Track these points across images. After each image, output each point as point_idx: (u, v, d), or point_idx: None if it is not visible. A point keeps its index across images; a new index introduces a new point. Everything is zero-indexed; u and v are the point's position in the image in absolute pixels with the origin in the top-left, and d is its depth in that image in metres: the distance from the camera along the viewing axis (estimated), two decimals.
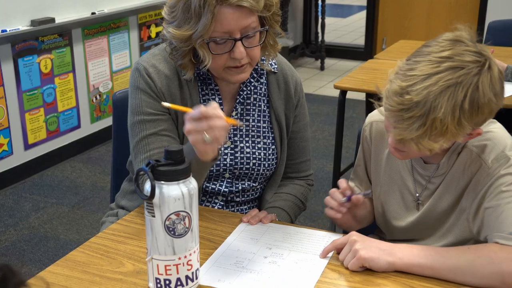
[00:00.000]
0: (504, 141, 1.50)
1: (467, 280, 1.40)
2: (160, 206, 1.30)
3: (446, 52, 1.38)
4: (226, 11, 1.59)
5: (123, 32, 4.84)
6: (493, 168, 1.47)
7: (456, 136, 1.40)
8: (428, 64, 1.37)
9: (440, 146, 1.41)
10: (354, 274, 1.46)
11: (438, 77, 1.35)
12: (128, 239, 1.62)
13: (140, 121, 1.73)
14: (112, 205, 2.03)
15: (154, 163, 1.31)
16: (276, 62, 1.85)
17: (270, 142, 1.85)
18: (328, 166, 4.09)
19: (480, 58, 1.37)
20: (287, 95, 1.86)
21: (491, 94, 1.37)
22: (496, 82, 1.39)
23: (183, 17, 1.62)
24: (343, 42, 8.15)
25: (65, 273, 1.47)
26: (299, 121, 1.90)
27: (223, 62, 1.65)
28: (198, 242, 1.39)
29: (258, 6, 1.60)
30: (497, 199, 1.45)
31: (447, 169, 1.56)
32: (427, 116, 1.35)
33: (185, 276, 1.36)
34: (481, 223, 1.50)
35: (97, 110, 4.71)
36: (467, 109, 1.35)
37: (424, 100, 1.35)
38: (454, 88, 1.34)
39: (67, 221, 3.64)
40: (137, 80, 1.75)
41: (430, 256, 1.44)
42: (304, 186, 1.96)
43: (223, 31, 1.61)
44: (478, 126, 1.44)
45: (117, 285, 1.42)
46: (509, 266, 1.37)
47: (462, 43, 1.40)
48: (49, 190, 4.04)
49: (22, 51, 4.04)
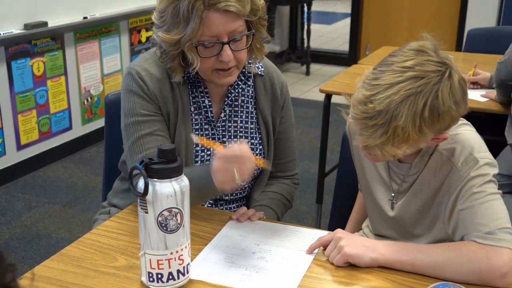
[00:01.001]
0: (471, 144, 1.51)
1: (445, 276, 1.42)
2: (153, 203, 1.32)
3: (409, 62, 1.40)
4: (213, 16, 1.60)
5: (114, 36, 4.83)
6: (463, 171, 1.49)
7: (419, 143, 1.42)
8: (391, 74, 1.39)
9: (403, 152, 1.42)
10: (339, 269, 1.47)
11: (399, 87, 1.37)
12: (121, 235, 1.62)
13: (135, 122, 1.74)
14: (104, 203, 2.04)
15: (147, 161, 1.32)
16: (263, 65, 1.86)
17: (258, 142, 1.86)
18: (314, 167, 4.10)
19: (441, 67, 1.39)
20: (273, 97, 1.87)
21: (451, 102, 1.39)
22: (457, 90, 1.40)
23: (172, 21, 1.63)
24: (328, 48, 8.16)
25: (60, 268, 1.47)
26: (285, 122, 1.91)
27: (211, 65, 1.66)
28: (189, 237, 1.40)
29: (244, 10, 1.61)
30: (470, 201, 1.47)
31: (420, 170, 1.58)
32: (389, 124, 1.37)
33: (176, 271, 1.38)
34: (456, 224, 1.52)
35: (88, 112, 4.70)
36: (428, 117, 1.37)
37: (386, 109, 1.37)
38: (414, 97, 1.36)
39: (59, 220, 3.63)
40: (130, 83, 1.75)
41: (411, 253, 1.46)
42: (290, 185, 1.98)
43: (211, 35, 1.62)
44: (441, 132, 1.45)
45: (111, 279, 1.43)
46: (486, 264, 1.40)
47: (425, 53, 1.42)
48: (41, 190, 4.02)
49: (15, 54, 4.02)
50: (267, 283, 1.43)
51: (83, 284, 1.41)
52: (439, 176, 1.55)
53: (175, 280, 1.38)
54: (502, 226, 1.43)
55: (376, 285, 1.42)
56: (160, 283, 1.37)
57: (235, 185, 1.52)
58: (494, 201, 1.47)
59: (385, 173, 1.66)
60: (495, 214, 1.45)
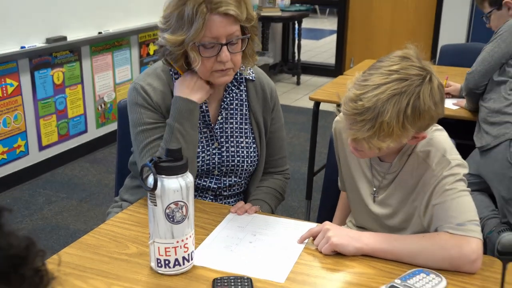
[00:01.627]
0: (444, 147, 1.52)
1: (421, 262, 1.43)
2: (161, 197, 1.32)
3: (394, 66, 1.42)
4: (215, 18, 1.60)
5: (125, 49, 4.83)
6: (436, 171, 1.49)
7: (401, 138, 1.43)
8: (379, 76, 1.41)
9: (387, 146, 1.43)
10: (327, 257, 1.48)
11: (386, 87, 1.39)
12: (132, 226, 1.63)
13: (143, 130, 1.74)
14: (116, 198, 2.04)
15: (156, 160, 1.33)
16: (254, 72, 1.86)
17: (251, 142, 1.86)
18: (303, 167, 4.11)
19: (422, 72, 1.42)
20: (264, 101, 1.87)
21: (431, 103, 1.40)
22: (436, 93, 1.42)
23: (177, 24, 1.63)
24: (316, 61, 8.17)
25: (78, 254, 1.48)
26: (275, 123, 1.91)
27: (211, 65, 1.66)
28: (193, 228, 1.40)
29: (242, 15, 1.63)
30: (443, 196, 1.48)
31: (399, 169, 1.59)
32: (376, 119, 1.39)
33: (182, 257, 1.38)
34: (431, 218, 1.52)
35: (102, 117, 4.70)
36: (410, 114, 1.38)
37: (374, 106, 1.38)
38: (399, 97, 1.38)
39: (76, 213, 3.63)
40: (136, 97, 1.76)
41: (391, 242, 1.47)
42: (282, 180, 1.98)
43: (211, 36, 1.62)
44: (422, 130, 1.47)
45: (123, 265, 1.43)
46: (456, 251, 1.41)
47: (408, 59, 1.44)
48: (60, 186, 4.02)
49: (38, 65, 4.02)
50: (263, 269, 1.43)
51: (99, 269, 1.41)
52: (416, 175, 1.55)
53: (181, 265, 1.39)
54: (471, 219, 1.44)
55: (360, 271, 1.42)
56: (168, 268, 1.38)
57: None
58: (464, 197, 1.48)
59: (368, 170, 1.66)
60: (464, 208, 1.46)
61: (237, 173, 1.85)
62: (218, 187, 1.84)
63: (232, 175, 1.85)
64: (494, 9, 2.75)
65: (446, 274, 1.39)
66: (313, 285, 1.37)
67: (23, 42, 3.91)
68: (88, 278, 1.38)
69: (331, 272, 1.42)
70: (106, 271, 1.41)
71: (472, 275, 1.41)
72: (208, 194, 1.86)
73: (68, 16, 4.23)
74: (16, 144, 3.97)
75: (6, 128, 3.86)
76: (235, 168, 1.83)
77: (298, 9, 7.03)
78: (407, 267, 1.42)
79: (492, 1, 2.75)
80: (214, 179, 1.84)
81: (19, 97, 3.91)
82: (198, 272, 1.41)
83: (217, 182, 1.84)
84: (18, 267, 0.63)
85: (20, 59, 3.89)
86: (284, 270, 1.43)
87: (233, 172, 1.84)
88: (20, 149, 4.00)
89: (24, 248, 0.64)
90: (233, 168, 1.83)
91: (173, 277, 1.38)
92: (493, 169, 2.58)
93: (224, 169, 1.83)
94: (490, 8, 2.77)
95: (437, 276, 1.37)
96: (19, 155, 4.00)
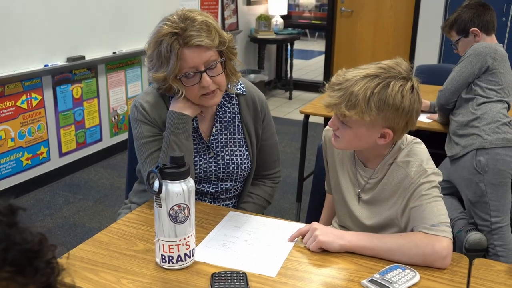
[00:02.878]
0: (422, 158, 1.52)
1: (398, 259, 1.42)
2: (165, 199, 1.31)
3: (385, 62, 1.48)
4: (187, 51, 1.59)
5: (137, 67, 4.82)
6: (414, 178, 1.49)
7: (364, 114, 1.42)
8: (369, 64, 1.49)
9: (351, 116, 1.44)
10: (314, 254, 1.47)
11: (367, 69, 1.46)
12: (140, 225, 1.61)
13: (144, 143, 1.73)
14: (126, 200, 2.03)
15: (161, 166, 1.32)
16: (244, 86, 1.84)
17: (244, 149, 1.84)
18: (294, 173, 4.10)
19: (404, 73, 1.45)
20: (255, 112, 1.85)
21: (398, 95, 1.42)
22: (406, 90, 1.44)
23: (158, 63, 1.63)
24: (307, 78, 8.17)
25: (91, 250, 1.47)
26: (267, 131, 1.89)
27: (196, 92, 1.65)
28: (194, 228, 1.39)
29: (213, 43, 1.60)
30: (420, 200, 1.47)
31: (381, 176, 1.58)
32: (347, 89, 1.43)
33: (184, 254, 1.37)
34: (407, 220, 1.52)
35: (115, 127, 4.68)
36: (376, 94, 1.41)
37: (351, 79, 1.44)
38: (372, 78, 1.43)
39: (91, 213, 3.61)
40: (136, 114, 1.75)
41: (372, 240, 1.46)
42: (272, 186, 1.96)
43: (189, 66, 1.60)
44: (387, 123, 1.46)
45: (131, 260, 1.42)
46: (429, 249, 1.40)
47: (398, 63, 1.48)
48: (77, 188, 4.00)
49: (59, 81, 4.01)
50: (256, 264, 1.42)
51: (110, 263, 1.40)
52: (396, 181, 1.55)
53: (183, 261, 1.38)
54: (443, 221, 1.44)
55: (343, 267, 1.41)
56: (171, 263, 1.37)
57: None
58: (438, 202, 1.47)
59: (353, 175, 1.65)
60: (438, 212, 1.45)
61: (233, 178, 1.84)
62: (215, 191, 1.83)
63: (228, 180, 1.84)
64: (461, 37, 2.75)
65: (420, 269, 1.39)
66: (302, 279, 1.36)
67: (47, 61, 3.91)
68: (100, 271, 1.37)
69: (317, 268, 1.41)
70: (116, 265, 1.39)
71: (442, 270, 1.40)
72: (207, 197, 1.85)
73: (86, 38, 4.23)
74: (39, 151, 3.96)
75: (30, 137, 3.85)
76: (230, 174, 1.82)
77: (290, 33, 7.05)
78: (385, 263, 1.42)
79: (460, 30, 2.75)
80: (211, 184, 1.82)
81: (42, 109, 3.91)
82: (199, 267, 1.40)
83: (215, 187, 1.83)
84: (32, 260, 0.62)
85: (44, 76, 3.89)
86: (276, 265, 1.42)
87: (229, 178, 1.83)
88: (43, 155, 3.99)
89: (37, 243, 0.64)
90: (228, 174, 1.82)
91: (176, 272, 1.37)
92: (462, 176, 2.58)
93: (221, 175, 1.82)
94: (458, 36, 2.77)
95: (412, 271, 1.37)
96: (42, 161, 3.99)
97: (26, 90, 3.76)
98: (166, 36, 1.59)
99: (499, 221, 2.53)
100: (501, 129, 2.53)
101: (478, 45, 2.64)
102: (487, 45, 2.62)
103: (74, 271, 1.36)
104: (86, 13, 4.18)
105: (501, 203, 2.53)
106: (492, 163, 2.50)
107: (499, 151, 2.50)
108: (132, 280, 1.33)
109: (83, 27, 4.18)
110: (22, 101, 3.74)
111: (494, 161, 2.50)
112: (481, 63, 2.60)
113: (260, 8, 7.02)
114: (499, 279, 1.37)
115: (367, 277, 1.35)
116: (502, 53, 2.62)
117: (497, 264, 1.45)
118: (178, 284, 1.32)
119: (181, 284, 1.32)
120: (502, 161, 2.50)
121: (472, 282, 1.36)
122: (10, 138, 3.71)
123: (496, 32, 2.79)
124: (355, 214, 1.65)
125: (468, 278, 1.38)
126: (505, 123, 2.56)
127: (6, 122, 3.66)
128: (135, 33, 4.72)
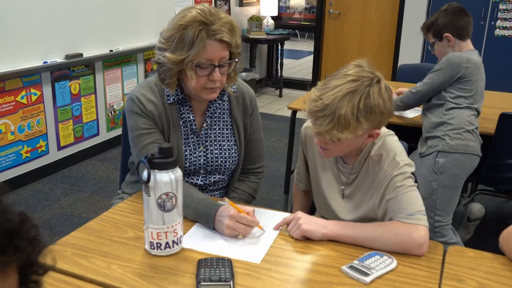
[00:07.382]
0: (395, 150, 1.52)
1: (377, 246, 1.42)
2: (154, 188, 1.30)
3: (349, 71, 1.44)
4: (212, 43, 1.58)
5: (133, 65, 4.80)
6: (388, 171, 1.49)
7: (357, 130, 1.41)
8: (336, 79, 1.44)
9: (345, 137, 1.41)
10: (298, 242, 1.47)
11: (341, 87, 1.40)
12: (130, 214, 1.61)
13: (139, 134, 1.71)
14: (119, 191, 2.01)
15: (150, 156, 1.30)
16: (235, 84, 1.82)
17: (233, 144, 1.84)
18: (282, 167, 4.10)
19: (372, 75, 1.43)
20: (244, 107, 1.84)
21: (380, 100, 1.41)
22: (383, 92, 1.42)
23: (177, 45, 1.60)
24: (296, 77, 8.17)
25: (83, 237, 1.46)
26: (254, 126, 1.89)
27: (203, 83, 1.64)
28: (182, 216, 1.38)
29: (233, 42, 1.62)
30: (395, 192, 1.47)
31: (358, 170, 1.58)
32: (334, 114, 1.39)
33: (172, 241, 1.36)
34: (385, 211, 1.52)
35: (111, 122, 4.66)
36: (362, 108, 1.39)
37: (332, 102, 1.39)
38: (352, 94, 1.39)
39: (88, 204, 3.59)
40: (132, 106, 1.72)
41: (352, 229, 1.46)
42: (256, 182, 1.95)
43: (207, 58, 1.60)
44: (375, 126, 1.46)
45: (122, 247, 1.41)
46: (407, 237, 1.40)
47: (361, 66, 1.46)
48: (75, 180, 3.98)
49: (58, 77, 3.99)
50: (242, 251, 1.41)
51: (101, 250, 1.39)
52: (372, 175, 1.54)
53: (171, 248, 1.37)
54: (418, 209, 1.44)
55: (325, 254, 1.41)
56: (159, 250, 1.36)
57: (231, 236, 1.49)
58: (412, 191, 1.47)
59: (336, 171, 1.65)
60: (413, 201, 1.45)
61: (221, 171, 1.83)
62: (204, 184, 1.82)
63: (216, 173, 1.82)
64: (436, 40, 2.75)
65: (397, 256, 1.38)
66: (285, 265, 1.35)
67: (46, 58, 3.88)
68: (91, 257, 1.35)
69: (300, 254, 1.41)
70: (107, 251, 1.38)
71: (419, 257, 1.40)
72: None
73: (84, 36, 4.21)
74: (38, 145, 3.93)
75: (30, 131, 3.82)
76: (219, 167, 1.81)
77: (281, 33, 7.04)
78: (365, 250, 1.41)
79: (435, 33, 2.75)
80: (200, 176, 1.81)
81: (41, 104, 3.88)
82: (186, 254, 1.39)
83: (204, 179, 1.82)
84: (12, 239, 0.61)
85: (43, 72, 3.86)
86: (260, 252, 1.41)
87: (217, 171, 1.82)
88: (42, 148, 3.96)
89: (18, 222, 0.63)
90: (217, 167, 1.81)
91: (164, 258, 1.36)
92: (421, 172, 2.59)
93: (209, 169, 1.81)
94: (434, 39, 2.77)
95: (389, 258, 1.37)
96: (41, 154, 3.96)
97: (26, 86, 3.74)
98: (194, 22, 1.57)
99: (441, 220, 2.57)
100: (463, 136, 2.56)
101: (452, 55, 2.61)
102: (460, 55, 2.60)
103: (65, 257, 1.35)
104: (84, 12, 4.16)
105: (447, 204, 2.58)
106: (448, 166, 2.54)
107: (458, 156, 2.54)
108: (122, 266, 1.32)
109: (81, 25, 4.16)
110: (22, 96, 3.72)
111: (450, 165, 2.54)
112: (453, 73, 2.59)
113: (252, 9, 7.01)
114: (471, 265, 1.38)
115: (347, 263, 1.34)
116: (475, 61, 2.59)
117: (470, 251, 1.46)
118: (166, 269, 1.31)
119: (169, 269, 1.31)
120: (458, 166, 2.54)
121: (446, 268, 1.36)
122: (10, 131, 3.69)
123: (474, 35, 2.78)
124: (336, 209, 1.64)
125: (443, 264, 1.38)
126: (469, 130, 2.57)
127: (7, 116, 3.64)
128: (131, 32, 4.70)
